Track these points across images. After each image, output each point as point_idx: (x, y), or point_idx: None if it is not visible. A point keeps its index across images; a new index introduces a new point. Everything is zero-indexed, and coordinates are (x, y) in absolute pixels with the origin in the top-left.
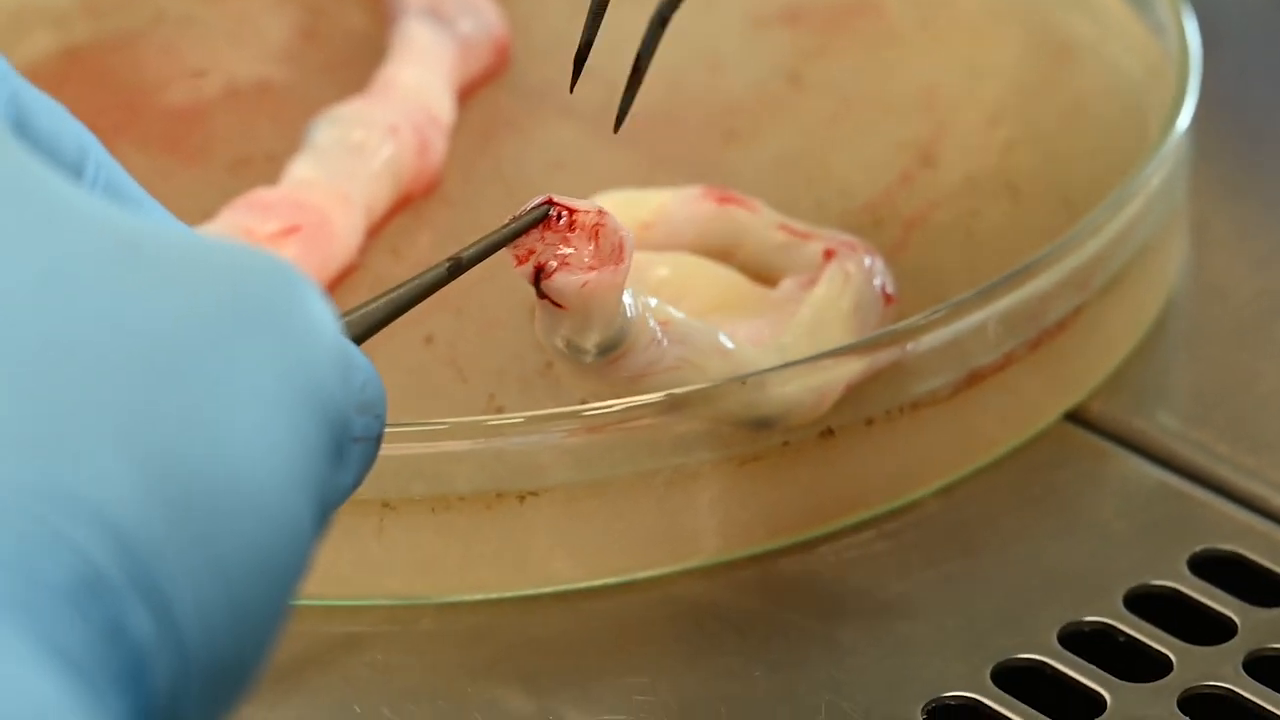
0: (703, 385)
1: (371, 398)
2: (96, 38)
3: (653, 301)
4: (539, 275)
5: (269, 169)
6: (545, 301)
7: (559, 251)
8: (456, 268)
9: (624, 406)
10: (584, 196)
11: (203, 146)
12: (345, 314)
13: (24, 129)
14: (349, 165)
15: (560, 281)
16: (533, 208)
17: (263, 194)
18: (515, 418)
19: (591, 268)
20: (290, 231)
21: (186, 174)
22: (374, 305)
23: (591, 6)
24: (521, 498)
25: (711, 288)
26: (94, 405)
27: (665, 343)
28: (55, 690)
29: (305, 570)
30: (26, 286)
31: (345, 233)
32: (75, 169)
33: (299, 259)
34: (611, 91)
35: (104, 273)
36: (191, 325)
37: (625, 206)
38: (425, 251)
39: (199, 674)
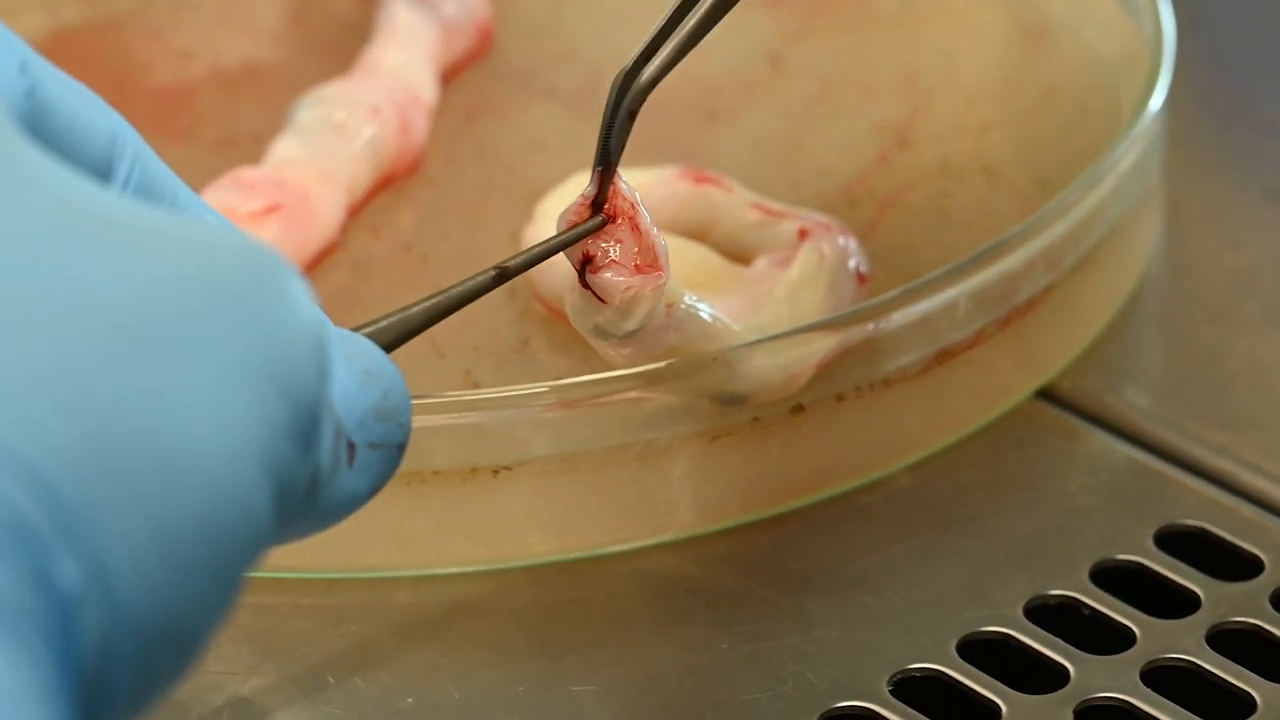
0: (675, 360)
1: (394, 405)
2: (86, 20)
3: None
4: (585, 265)
5: (254, 148)
6: (587, 291)
7: (604, 244)
8: (502, 275)
9: (598, 381)
10: (564, 177)
11: (189, 126)
12: (383, 318)
13: (45, 119)
14: (331, 145)
15: (607, 281)
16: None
17: (245, 173)
18: (491, 393)
19: (636, 268)
20: (272, 210)
21: (173, 153)
22: (412, 310)
23: (601, 130)
24: (495, 472)
25: (687, 266)
26: (34, 360)
27: (667, 331)
28: None
29: (259, 546)
30: None
31: (326, 211)
32: (104, 158)
33: (279, 237)
34: (592, 73)
35: (72, 244)
36: (153, 295)
37: None
38: (405, 231)
39: (132, 634)
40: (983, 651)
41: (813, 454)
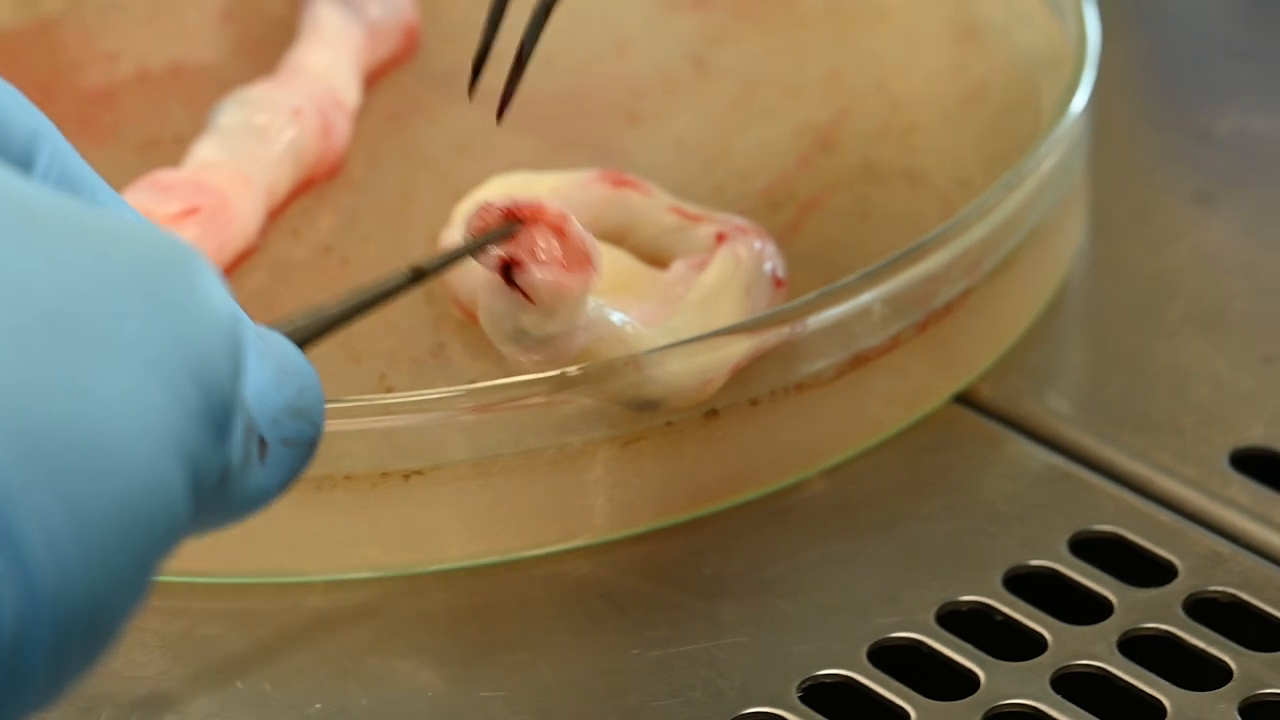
0: (589, 364)
1: (308, 404)
2: (18, 23)
3: None
4: (508, 267)
5: (177, 150)
6: (513, 292)
7: (528, 246)
8: (418, 275)
9: (512, 385)
10: (486, 179)
11: (112, 127)
12: (299, 316)
13: None
14: (251, 148)
15: (536, 277)
16: (495, 213)
17: (163, 175)
18: (403, 397)
19: (563, 266)
20: (190, 213)
21: (96, 154)
22: (328, 310)
23: (489, 13)
24: (407, 476)
25: (604, 270)
26: None
27: (579, 335)
28: None
29: (175, 534)
30: None
31: (245, 214)
32: (25, 152)
33: (198, 239)
34: None
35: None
36: (74, 286)
37: (520, 189)
38: (325, 234)
39: (49, 618)
40: (893, 657)
41: (727, 459)
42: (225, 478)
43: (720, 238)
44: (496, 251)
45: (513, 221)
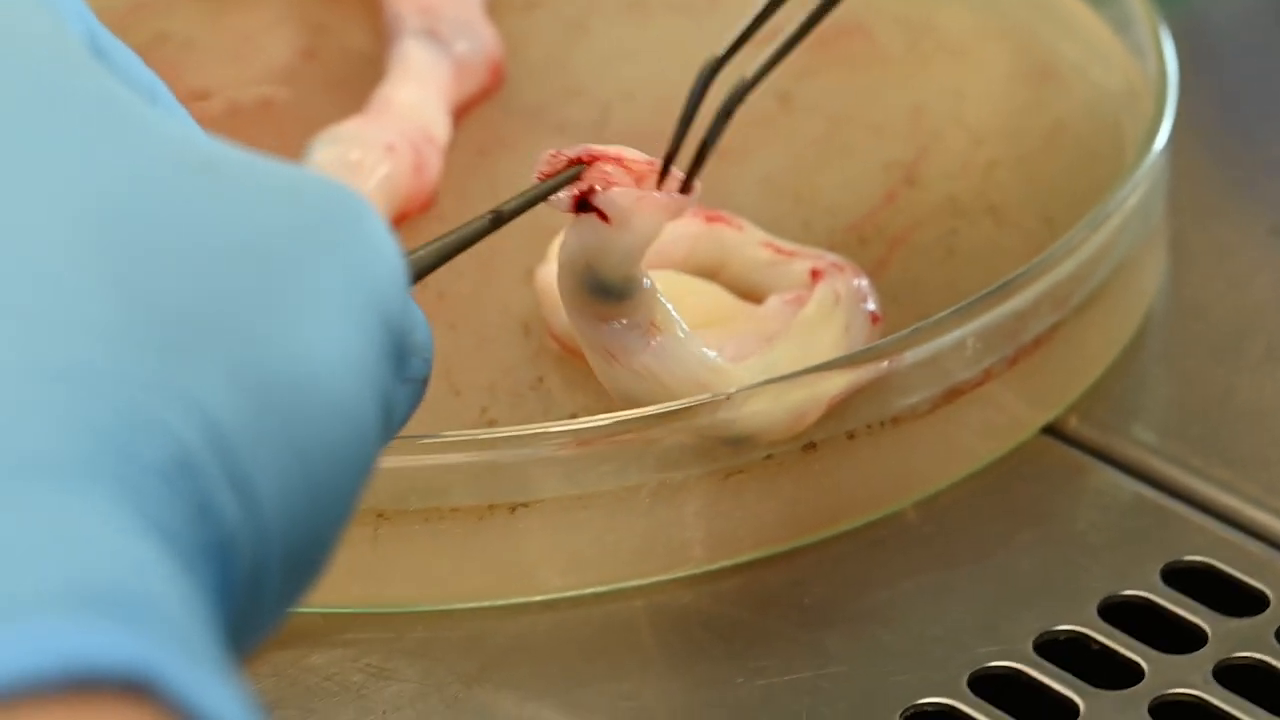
0: (688, 400)
1: (421, 341)
2: None
3: (673, 311)
4: (583, 200)
5: None
6: (589, 214)
7: (599, 175)
8: (498, 219)
9: (612, 421)
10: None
11: None
12: None
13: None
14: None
15: (616, 193)
16: (570, 159)
17: None
18: (507, 431)
19: (634, 184)
20: None
21: None
22: (423, 251)
23: (681, 115)
24: (512, 509)
25: (699, 303)
26: (185, 306)
27: (645, 345)
28: (153, 554)
29: (372, 468)
30: (121, 195)
31: None
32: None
33: None
34: (601, 109)
35: (189, 187)
36: (272, 237)
37: None
38: None
39: (278, 555)
40: (993, 686)
41: (825, 490)
42: None
43: (815, 274)
44: (567, 191)
45: (579, 164)
